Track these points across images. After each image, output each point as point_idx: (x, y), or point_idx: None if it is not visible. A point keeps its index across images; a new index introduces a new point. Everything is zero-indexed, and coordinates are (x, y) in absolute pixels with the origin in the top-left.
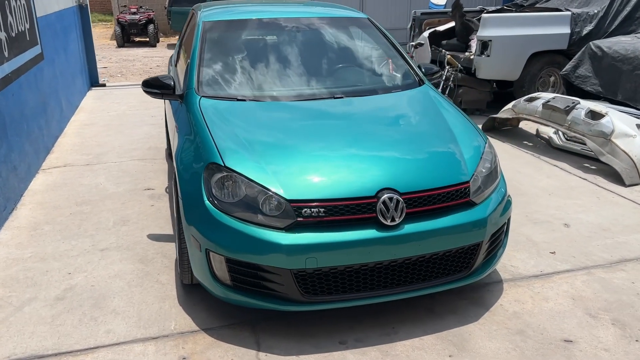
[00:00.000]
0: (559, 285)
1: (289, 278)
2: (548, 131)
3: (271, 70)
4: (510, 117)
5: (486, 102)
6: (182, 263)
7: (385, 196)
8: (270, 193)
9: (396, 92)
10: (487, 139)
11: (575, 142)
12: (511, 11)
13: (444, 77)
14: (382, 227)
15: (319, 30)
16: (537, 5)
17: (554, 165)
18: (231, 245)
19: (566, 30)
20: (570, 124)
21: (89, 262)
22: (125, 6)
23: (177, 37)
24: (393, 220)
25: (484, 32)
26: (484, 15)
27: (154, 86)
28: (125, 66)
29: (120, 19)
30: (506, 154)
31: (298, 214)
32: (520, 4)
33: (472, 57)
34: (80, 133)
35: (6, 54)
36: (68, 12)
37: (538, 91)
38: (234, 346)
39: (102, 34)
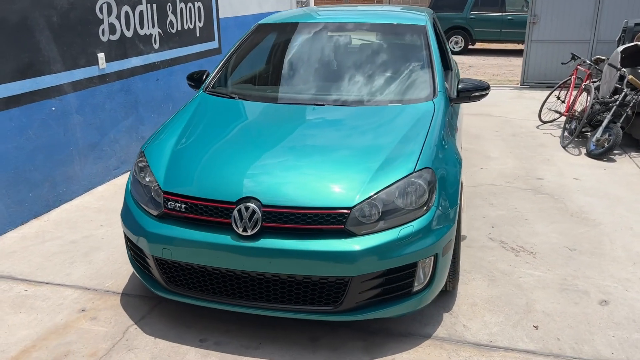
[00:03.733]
0: None
1: (153, 263)
2: None
3: (281, 72)
4: None
5: None
6: None
7: (242, 205)
8: (157, 182)
9: (392, 104)
10: (429, 168)
11: None
12: None
13: (617, 102)
14: (238, 235)
15: (358, 37)
16: None
17: None
18: (126, 222)
19: None
20: None
21: None
22: None
23: None
24: (245, 230)
25: None
26: None
27: (192, 79)
28: None
29: None
30: None
31: (165, 205)
32: None
33: None
34: None
35: (156, 46)
36: None
37: None
38: (123, 313)
39: None
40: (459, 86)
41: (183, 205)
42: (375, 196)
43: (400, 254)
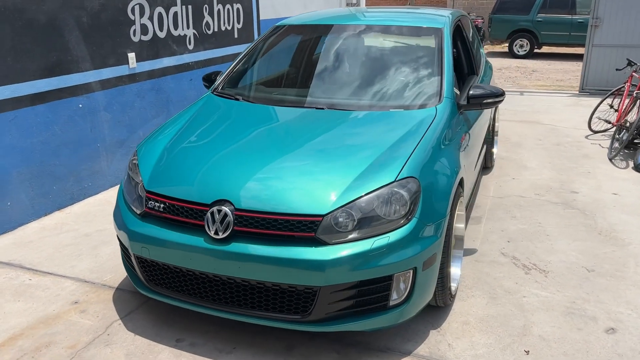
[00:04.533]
0: None
1: (135, 261)
2: None
3: (285, 75)
4: None
5: None
6: None
7: (215, 207)
8: (142, 181)
9: (392, 110)
10: (413, 178)
11: None
12: None
13: None
14: (210, 238)
15: (369, 40)
16: None
17: None
18: (115, 219)
19: None
20: None
21: None
22: None
23: (496, 45)
24: (217, 233)
25: None
26: None
27: (208, 80)
28: None
29: None
30: None
31: (146, 204)
32: None
33: None
34: None
35: (190, 47)
36: None
37: None
38: (112, 308)
39: None
40: (470, 92)
41: (161, 205)
42: (352, 204)
43: (374, 265)
